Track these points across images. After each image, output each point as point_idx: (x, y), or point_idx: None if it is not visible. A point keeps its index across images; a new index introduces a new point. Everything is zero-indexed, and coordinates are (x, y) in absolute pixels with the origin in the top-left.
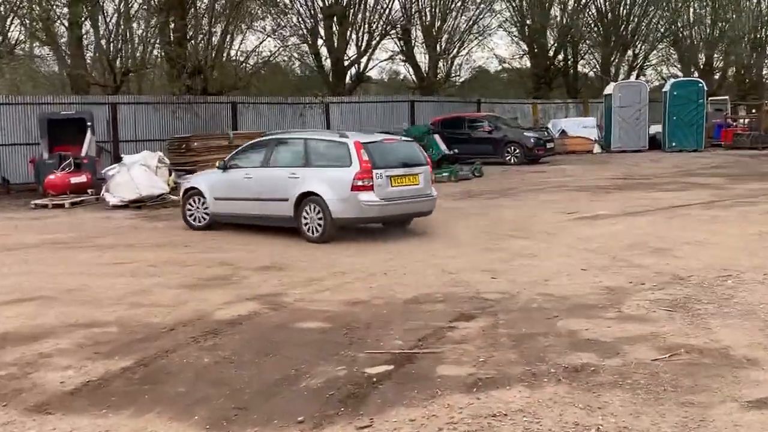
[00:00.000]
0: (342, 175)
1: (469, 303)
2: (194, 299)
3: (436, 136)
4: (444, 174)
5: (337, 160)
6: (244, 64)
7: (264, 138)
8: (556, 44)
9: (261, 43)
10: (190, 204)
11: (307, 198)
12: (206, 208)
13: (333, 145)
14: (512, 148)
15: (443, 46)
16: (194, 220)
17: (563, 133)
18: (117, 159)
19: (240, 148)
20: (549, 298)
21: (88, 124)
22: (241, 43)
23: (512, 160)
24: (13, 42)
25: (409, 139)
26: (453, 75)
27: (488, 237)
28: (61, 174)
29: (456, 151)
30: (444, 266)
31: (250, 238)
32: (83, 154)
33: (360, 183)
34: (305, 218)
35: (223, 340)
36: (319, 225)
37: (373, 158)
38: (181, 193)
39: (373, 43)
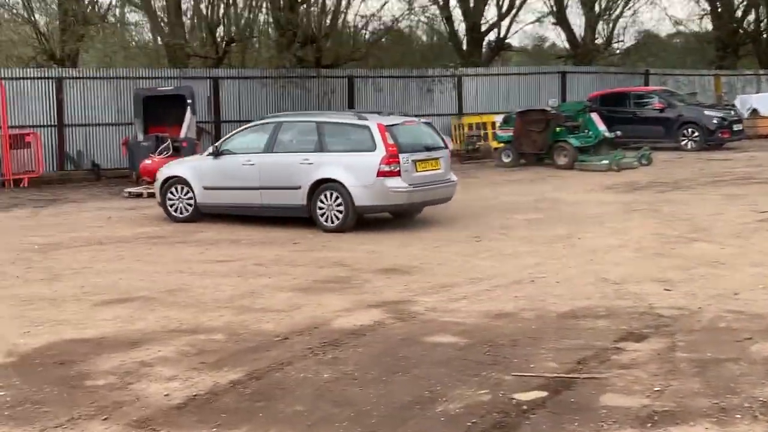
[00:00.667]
0: (366, 160)
1: (638, 320)
2: (309, 304)
3: (594, 115)
4: (603, 162)
5: (358, 145)
6: (363, 31)
7: (264, 121)
8: (745, 2)
9: (383, 6)
10: (172, 194)
11: (323, 185)
12: (190, 199)
13: (352, 129)
14: (689, 130)
15: (603, 5)
16: (176, 211)
17: (754, 112)
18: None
19: (233, 132)
20: (739, 316)
21: (188, 101)
22: (359, 7)
23: (689, 145)
24: (105, 7)
25: (428, 121)
26: (615, 40)
27: (659, 239)
28: (158, 158)
29: (618, 133)
30: (605, 274)
31: (366, 237)
32: (182, 135)
33: (387, 168)
34: (321, 207)
35: (345, 353)
36: (339, 213)
37: (398, 142)
38: (158, 183)
39: (518, 2)
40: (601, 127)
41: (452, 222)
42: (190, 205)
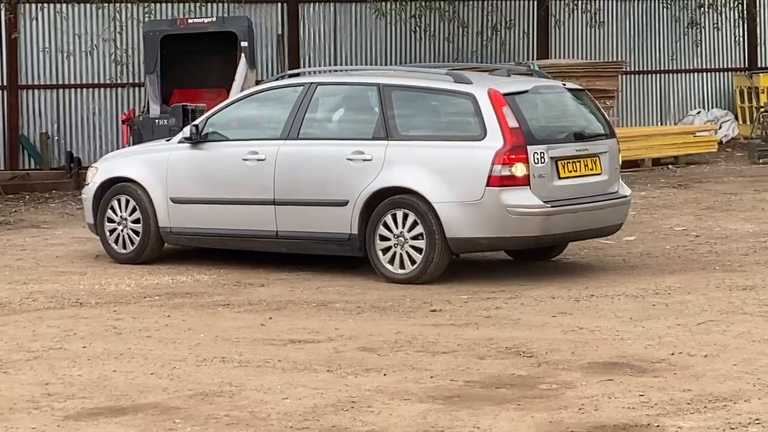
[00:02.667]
0: (466, 157)
1: None
2: (458, 427)
3: None
4: None
5: (452, 128)
6: None
7: (283, 83)
8: None
9: None
10: (112, 211)
11: (389, 200)
12: (146, 222)
13: (443, 99)
14: None
15: None
16: (117, 242)
17: None
18: None
19: (228, 101)
20: None
21: (242, 44)
22: None
23: None
24: None
25: (578, 86)
26: None
27: None
28: None
29: None
30: None
31: (564, 296)
32: None
33: (506, 171)
34: (385, 238)
35: None
36: (415, 251)
37: (526, 124)
38: (89, 189)
39: None
40: None
41: (733, 275)
42: (140, 231)
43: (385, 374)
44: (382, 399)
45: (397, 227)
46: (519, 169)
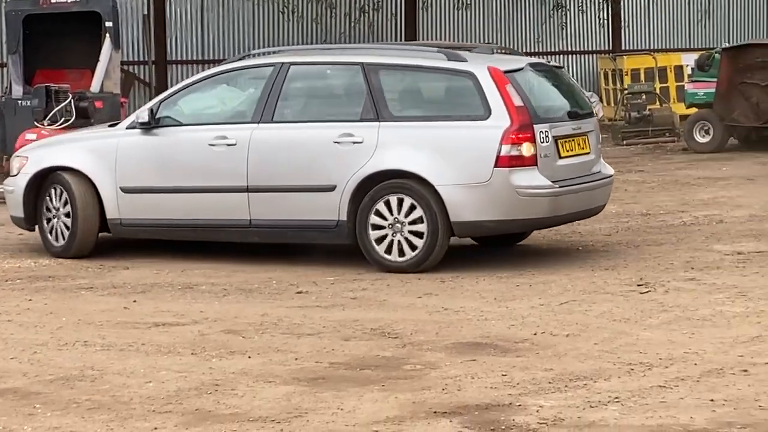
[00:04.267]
0: (472, 137)
1: None
2: (321, 409)
3: None
4: None
5: (452, 108)
6: None
7: (251, 62)
8: None
9: None
10: (49, 202)
11: (384, 184)
12: (83, 213)
13: (439, 76)
14: None
15: None
16: (53, 234)
17: None
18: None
19: (186, 83)
20: None
21: (107, 24)
22: None
23: None
24: None
25: (559, 65)
26: None
27: None
28: (50, 129)
29: None
30: None
31: (432, 280)
32: (95, 88)
33: (515, 151)
34: (379, 225)
35: None
36: (415, 237)
37: (530, 102)
38: (18, 180)
39: None
40: None
41: (596, 256)
42: (72, 226)
43: (249, 357)
44: (246, 381)
45: (392, 213)
46: (527, 149)
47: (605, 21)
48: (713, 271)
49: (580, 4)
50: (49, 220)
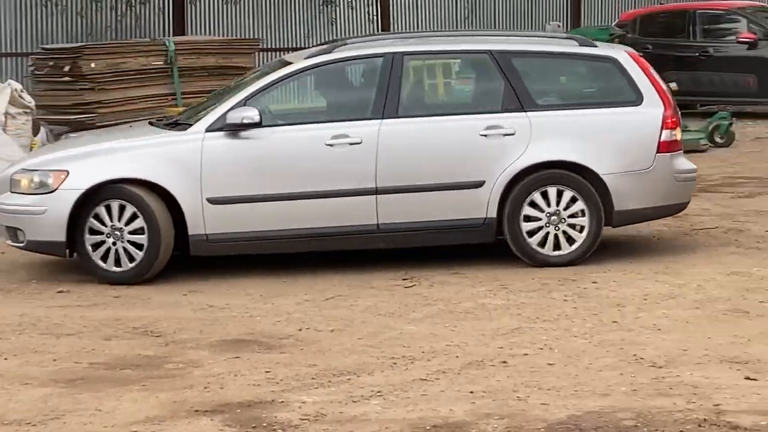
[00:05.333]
0: (631, 122)
1: None
2: (80, 410)
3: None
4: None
5: (598, 93)
6: None
7: (347, 54)
8: None
9: None
10: (98, 221)
11: (537, 175)
12: (165, 230)
13: (578, 62)
14: None
15: None
16: (108, 258)
17: None
18: None
19: (273, 78)
20: None
21: None
22: None
23: None
24: None
25: None
26: None
27: (739, 284)
28: None
29: (674, 85)
30: (639, 348)
31: (195, 277)
32: None
33: (671, 136)
34: (534, 219)
35: None
36: (573, 229)
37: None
38: (63, 199)
39: None
40: None
41: (362, 251)
42: (152, 244)
43: (5, 359)
44: (2, 384)
45: (549, 206)
46: (678, 134)
47: (374, 17)
48: (477, 264)
49: (349, 0)
50: (98, 243)
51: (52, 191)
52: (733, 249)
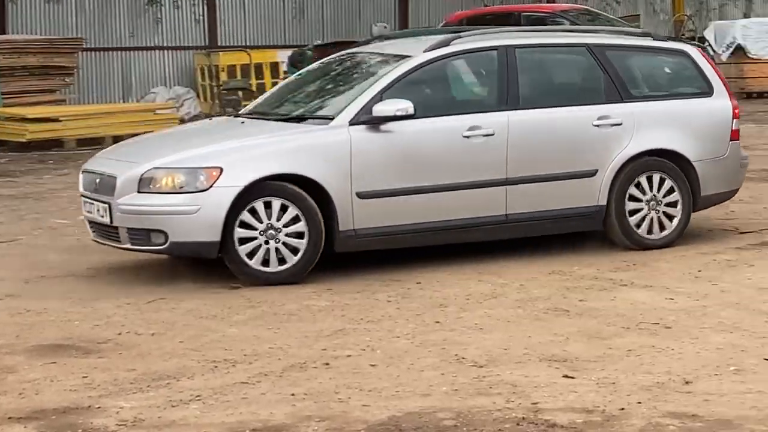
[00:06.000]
0: (711, 112)
1: None
2: None
3: None
4: None
5: (677, 84)
6: None
7: (465, 47)
8: None
9: None
10: (254, 219)
11: (638, 162)
12: (299, 231)
13: (658, 56)
14: None
15: None
16: (258, 257)
17: (739, 50)
18: None
19: (401, 72)
20: (695, 425)
21: None
22: None
23: None
24: None
25: None
26: None
27: (559, 282)
28: None
29: None
30: (460, 348)
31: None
32: None
33: (737, 125)
34: (637, 204)
35: None
36: (670, 213)
37: None
38: (219, 197)
39: None
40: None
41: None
42: (310, 242)
43: None
44: None
45: (648, 191)
46: (738, 123)
47: (201, 17)
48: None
49: (175, 0)
50: (246, 241)
51: (204, 189)
52: (556, 248)
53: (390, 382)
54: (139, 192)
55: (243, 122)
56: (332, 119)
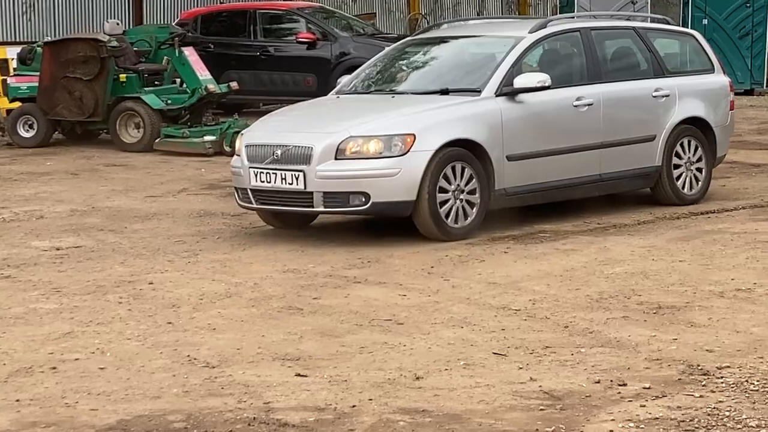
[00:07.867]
0: (718, 86)
1: None
2: None
3: (190, 52)
4: (207, 138)
5: (692, 62)
6: None
7: (556, 29)
8: None
9: None
10: (445, 181)
11: (681, 128)
12: (484, 188)
13: (678, 38)
14: None
15: None
16: (450, 218)
17: None
18: None
19: (521, 50)
20: (425, 420)
21: None
22: None
23: None
24: None
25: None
26: None
27: (295, 281)
28: None
29: (234, 84)
30: (193, 349)
31: None
32: None
33: (732, 97)
34: (678, 166)
35: None
36: (698, 171)
37: None
38: (416, 161)
39: None
40: (204, 73)
41: None
42: (482, 201)
43: None
44: None
45: (685, 153)
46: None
47: None
48: (30, 268)
49: None
50: (446, 203)
51: (403, 154)
52: (290, 246)
53: (119, 385)
54: (336, 159)
55: (393, 97)
56: (479, 92)
